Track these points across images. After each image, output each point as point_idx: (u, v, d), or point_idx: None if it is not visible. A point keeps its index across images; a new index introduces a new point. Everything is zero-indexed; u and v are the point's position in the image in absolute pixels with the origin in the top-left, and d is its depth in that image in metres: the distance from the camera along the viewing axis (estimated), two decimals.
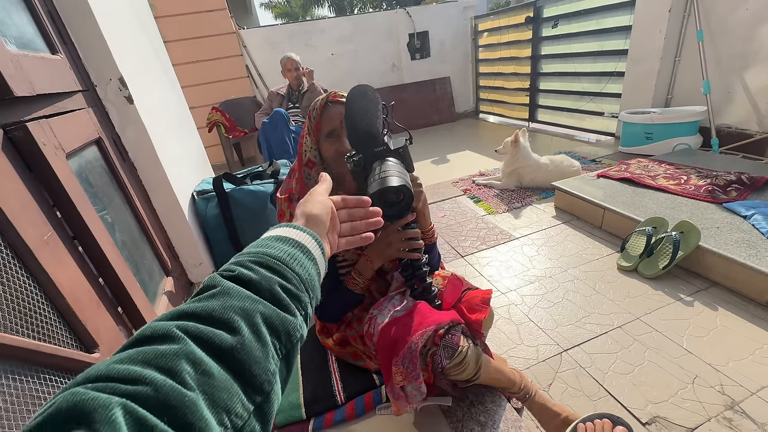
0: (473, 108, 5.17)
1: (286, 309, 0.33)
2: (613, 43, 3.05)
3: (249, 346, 0.29)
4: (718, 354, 1.10)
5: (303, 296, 0.36)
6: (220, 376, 0.26)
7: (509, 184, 2.43)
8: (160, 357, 0.25)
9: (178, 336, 0.26)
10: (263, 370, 0.29)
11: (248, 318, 0.30)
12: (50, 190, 0.86)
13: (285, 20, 14.75)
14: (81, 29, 1.20)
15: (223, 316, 0.29)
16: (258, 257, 0.36)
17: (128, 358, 0.24)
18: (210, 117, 3.47)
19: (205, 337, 0.27)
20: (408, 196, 0.67)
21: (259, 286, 0.33)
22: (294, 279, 0.36)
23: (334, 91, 0.89)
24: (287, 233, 0.40)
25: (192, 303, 0.31)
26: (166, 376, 0.23)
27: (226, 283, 0.32)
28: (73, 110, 1.06)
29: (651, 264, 1.46)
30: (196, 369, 0.25)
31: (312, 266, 0.39)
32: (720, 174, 1.84)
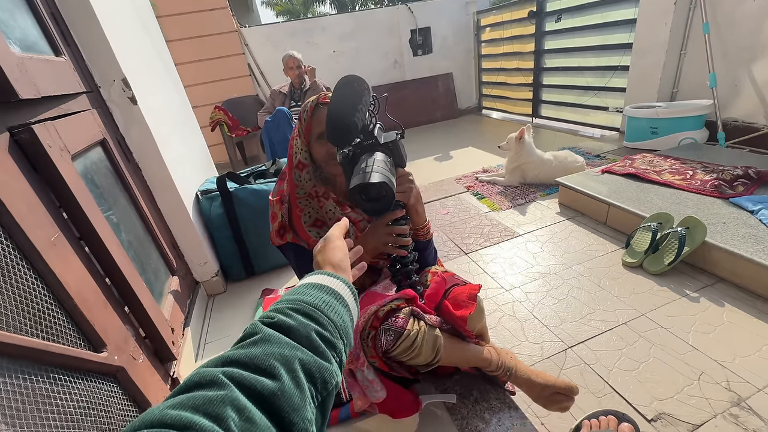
0: (476, 104, 5.14)
1: (323, 355, 0.35)
2: (618, 37, 3.01)
3: (288, 393, 0.30)
4: (725, 350, 1.10)
5: (338, 343, 0.38)
6: (262, 423, 0.27)
7: (513, 181, 2.42)
8: (208, 403, 0.26)
9: (223, 382, 0.28)
10: (301, 418, 0.30)
11: (287, 364, 0.32)
12: (56, 191, 0.87)
13: (286, 18, 14.71)
14: (84, 30, 1.20)
15: (264, 363, 0.31)
16: (295, 304, 0.38)
17: (180, 403, 0.26)
18: (213, 116, 3.48)
19: (248, 384, 0.29)
20: (389, 193, 0.66)
21: (297, 333, 0.35)
22: (329, 326, 0.38)
23: (325, 93, 0.89)
24: (322, 280, 0.43)
25: (235, 350, 0.33)
26: (213, 423, 0.25)
27: (267, 330, 0.34)
28: (78, 112, 1.07)
29: (656, 260, 1.46)
30: (240, 415, 0.27)
31: (345, 312, 0.41)
32: (726, 168, 1.82)
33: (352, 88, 0.71)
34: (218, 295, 1.75)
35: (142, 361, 0.98)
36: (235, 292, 1.77)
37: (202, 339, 1.49)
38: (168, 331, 1.17)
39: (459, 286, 0.93)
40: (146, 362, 1.00)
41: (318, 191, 0.92)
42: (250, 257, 1.77)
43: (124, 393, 0.88)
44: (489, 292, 1.51)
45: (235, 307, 1.66)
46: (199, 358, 1.39)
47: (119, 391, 0.86)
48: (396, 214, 0.79)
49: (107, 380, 0.84)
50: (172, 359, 1.15)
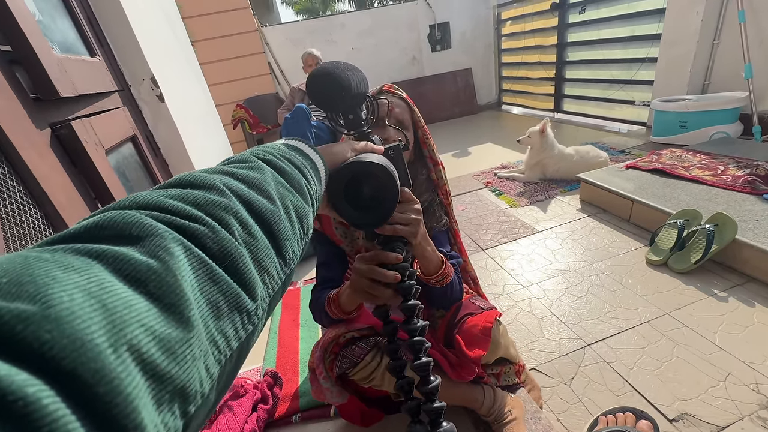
0: (496, 99, 5.06)
1: (308, 201, 0.34)
2: (645, 28, 2.90)
3: (284, 223, 0.28)
4: (754, 352, 1.06)
5: (314, 203, 0.36)
6: (262, 240, 0.25)
7: (533, 177, 2.38)
8: (211, 205, 0.23)
9: (223, 191, 0.25)
10: (292, 247, 0.29)
11: (282, 200, 0.30)
12: (92, 184, 0.92)
13: (306, 16, 14.86)
14: (116, 32, 1.27)
15: (263, 186, 0.28)
16: (284, 154, 0.35)
17: (178, 195, 0.22)
18: (234, 114, 3.57)
19: (249, 200, 0.26)
20: (391, 188, 0.43)
21: (290, 177, 0.33)
22: (313, 182, 0.36)
23: (389, 84, 0.88)
24: (299, 145, 0.39)
25: (229, 165, 0.29)
26: (220, 225, 0.22)
27: (262, 163, 0.31)
28: (111, 109, 1.13)
29: (682, 258, 1.41)
30: (243, 228, 0.24)
31: (316, 182, 0.38)
32: (761, 164, 1.73)
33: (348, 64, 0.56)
34: None
35: None
36: None
37: None
38: None
39: (473, 316, 0.83)
40: None
41: None
42: None
43: None
44: (506, 288, 1.50)
45: None
46: None
47: None
48: (388, 257, 0.52)
49: None
50: None
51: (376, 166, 0.42)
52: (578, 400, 1.02)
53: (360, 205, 0.43)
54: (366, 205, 0.44)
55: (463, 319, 0.83)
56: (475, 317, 0.84)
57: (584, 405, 1.00)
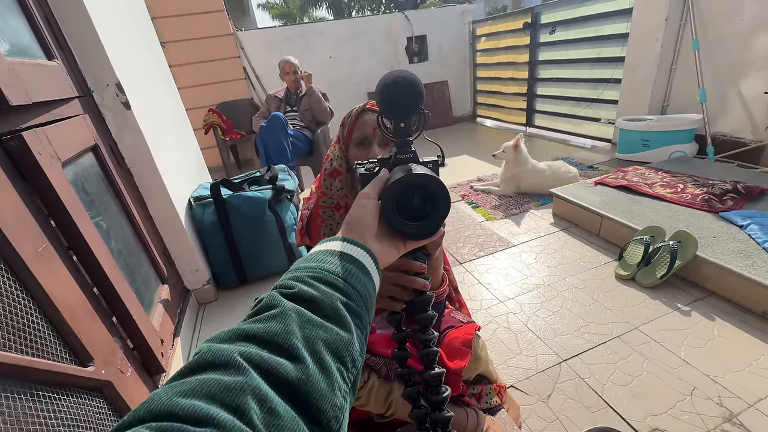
0: (470, 112, 5.18)
1: (349, 329, 0.31)
2: (611, 50, 3.07)
3: (314, 378, 0.26)
4: (716, 365, 1.11)
5: (363, 314, 0.34)
6: (286, 414, 0.24)
7: (507, 190, 2.43)
8: (226, 392, 0.22)
9: (241, 366, 0.24)
10: (330, 405, 0.26)
11: (311, 346, 0.28)
12: (45, 200, 0.84)
13: (283, 21, 14.72)
14: (78, 34, 1.18)
15: (285, 342, 0.27)
16: (316, 272, 0.33)
17: (191, 390, 0.22)
18: (206, 119, 3.44)
19: (270, 368, 0.25)
20: (446, 201, 0.45)
21: (321, 304, 0.31)
22: (354, 295, 0.33)
23: (373, 102, 0.86)
24: (339, 247, 0.37)
25: (251, 323, 0.28)
26: (233, 416, 0.22)
27: (287, 304, 0.30)
28: (69, 117, 1.05)
29: (649, 273, 1.47)
30: (262, 407, 0.23)
31: (369, 282, 0.36)
32: (716, 183, 1.86)
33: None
34: (209, 304, 1.72)
35: (130, 375, 0.95)
36: (227, 300, 1.74)
37: (192, 350, 1.46)
38: (157, 343, 1.15)
39: (454, 329, 0.85)
40: (134, 375, 0.98)
41: (348, 202, 0.86)
42: (242, 265, 1.75)
43: (111, 408, 0.85)
44: (484, 303, 1.51)
45: (227, 316, 1.63)
46: None
47: (106, 407, 0.84)
48: (414, 266, 0.53)
49: (93, 395, 0.81)
50: (161, 372, 1.12)
51: (431, 180, 0.44)
52: (556, 418, 1.03)
53: (411, 216, 0.45)
54: (415, 215, 0.45)
55: (444, 332, 0.84)
56: (455, 330, 0.85)
57: (561, 423, 1.01)
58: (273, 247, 1.77)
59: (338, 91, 4.20)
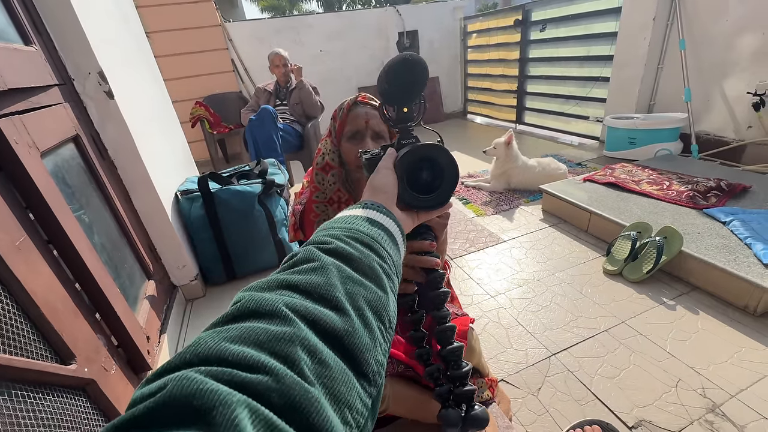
0: (461, 108, 5.19)
1: (385, 290, 0.31)
2: (599, 49, 3.11)
3: (359, 332, 0.26)
4: (700, 357, 1.14)
5: (395, 278, 0.34)
6: (337, 366, 0.23)
7: (498, 187, 2.45)
8: (275, 341, 0.22)
9: (287, 316, 0.23)
10: (374, 359, 0.26)
11: (353, 301, 0.27)
12: (23, 191, 0.81)
13: (272, 13, 14.48)
14: (57, 19, 1.13)
15: (329, 294, 0.26)
16: (351, 233, 0.33)
17: (239, 336, 0.21)
18: (193, 112, 3.36)
19: (316, 319, 0.24)
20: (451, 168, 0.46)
21: (359, 263, 0.30)
22: (388, 259, 0.33)
23: (364, 94, 0.85)
24: (366, 213, 0.37)
25: (291, 274, 0.27)
26: (284, 365, 0.21)
27: (326, 258, 0.29)
28: (49, 105, 1.00)
29: (635, 268, 1.50)
30: (313, 358, 0.22)
31: (396, 251, 0.36)
32: (700, 180, 1.90)
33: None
34: (197, 300, 1.69)
35: (114, 373, 0.92)
36: (215, 296, 1.71)
37: (179, 346, 1.43)
38: (143, 340, 1.12)
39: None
40: (119, 373, 0.95)
41: (341, 197, 0.86)
42: (231, 260, 1.72)
43: (95, 408, 0.82)
44: (475, 298, 1.52)
45: (215, 312, 1.60)
46: None
47: (89, 406, 0.81)
48: (423, 245, 0.54)
49: (76, 394, 0.79)
50: (147, 369, 1.09)
51: (438, 150, 0.45)
52: (545, 411, 1.04)
53: (420, 189, 0.45)
54: (424, 189, 0.45)
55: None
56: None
57: (551, 416, 1.02)
58: (262, 242, 1.74)
59: (329, 85, 4.15)
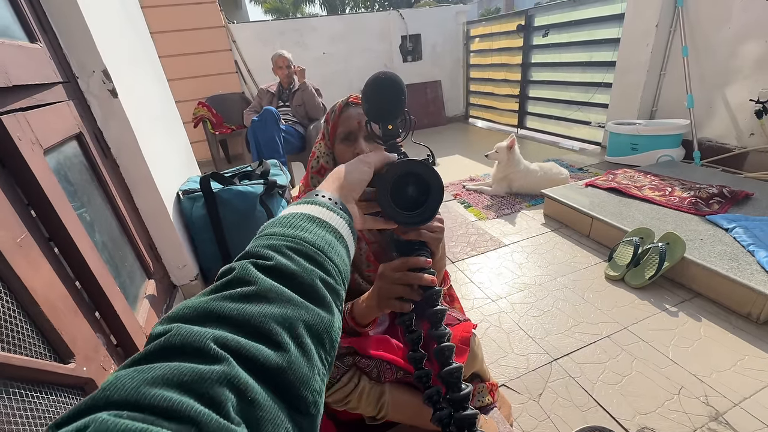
0: (463, 112, 5.20)
1: (329, 308, 0.29)
2: (602, 55, 3.11)
3: (296, 365, 0.25)
4: (703, 365, 1.13)
5: (341, 291, 0.32)
6: (266, 404, 0.22)
7: (499, 191, 2.44)
8: (200, 381, 0.20)
9: (217, 354, 0.22)
10: (310, 390, 0.25)
11: (292, 329, 0.26)
12: (25, 188, 0.80)
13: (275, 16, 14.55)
14: (63, 16, 1.13)
15: (264, 326, 0.25)
16: (294, 242, 0.31)
17: (161, 378, 0.20)
18: (196, 112, 3.37)
19: (249, 355, 0.23)
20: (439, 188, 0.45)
21: (300, 281, 0.28)
22: (334, 271, 0.31)
23: (356, 94, 0.84)
24: (318, 213, 0.34)
25: (223, 301, 0.26)
26: (208, 408, 0.19)
27: (264, 282, 0.27)
28: (53, 103, 1.00)
29: (638, 274, 1.49)
30: (241, 398, 0.21)
31: (345, 254, 0.34)
32: (703, 186, 1.90)
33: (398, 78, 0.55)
34: None
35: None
36: None
37: None
38: (142, 339, 1.11)
39: (451, 327, 0.83)
40: None
41: None
42: (231, 260, 1.70)
43: None
44: (476, 302, 1.51)
45: None
46: None
47: None
48: (419, 262, 0.53)
49: (75, 393, 0.78)
50: None
51: (424, 166, 0.44)
52: (547, 417, 1.03)
53: (404, 205, 0.45)
54: (409, 205, 0.46)
55: None
56: (452, 328, 0.84)
57: (552, 422, 1.01)
58: None
59: (331, 88, 4.16)
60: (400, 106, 0.51)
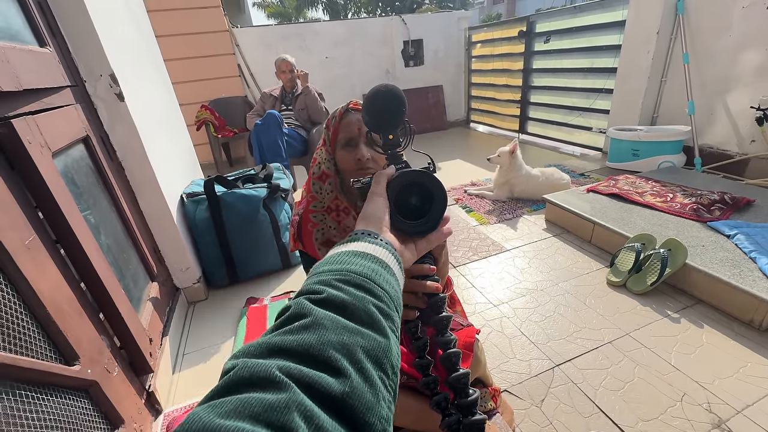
0: (464, 117, 5.22)
1: (384, 333, 0.30)
2: (603, 61, 3.13)
3: (359, 390, 0.25)
4: (705, 371, 1.13)
5: (395, 316, 0.32)
6: (334, 430, 0.22)
7: (501, 196, 2.45)
8: (270, 411, 0.21)
9: (283, 382, 0.23)
10: (377, 417, 0.25)
11: (350, 355, 0.26)
12: (34, 190, 0.81)
13: (278, 20, 14.65)
14: (72, 22, 1.15)
15: (323, 354, 0.25)
16: (342, 275, 0.32)
17: (234, 411, 0.21)
18: (199, 115, 3.39)
19: (312, 382, 0.23)
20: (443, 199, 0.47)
21: (354, 309, 0.29)
22: (385, 297, 0.32)
23: (356, 100, 0.85)
24: (362, 248, 0.36)
25: (282, 335, 0.26)
26: None
27: (318, 312, 0.28)
28: (61, 106, 1.01)
29: (639, 280, 1.49)
30: (309, 424, 0.21)
31: (395, 281, 0.35)
32: (704, 193, 1.90)
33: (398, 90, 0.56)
34: (199, 303, 1.68)
35: (116, 374, 0.92)
36: (217, 299, 1.70)
37: (180, 349, 1.42)
38: (146, 342, 1.11)
39: (454, 332, 0.82)
40: (121, 375, 0.95)
41: (339, 205, 0.85)
42: (234, 263, 1.72)
43: (96, 409, 0.82)
44: (477, 307, 1.51)
45: (217, 315, 1.59)
46: (176, 370, 1.33)
47: (91, 408, 0.80)
48: (423, 269, 0.54)
49: (79, 395, 0.78)
50: (148, 372, 1.08)
51: (426, 176, 0.46)
52: (549, 423, 1.03)
53: (408, 214, 0.46)
54: (414, 214, 0.46)
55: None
56: (456, 333, 0.84)
57: (555, 428, 1.01)
58: (266, 246, 1.74)
59: (334, 92, 4.18)
60: (400, 117, 0.52)
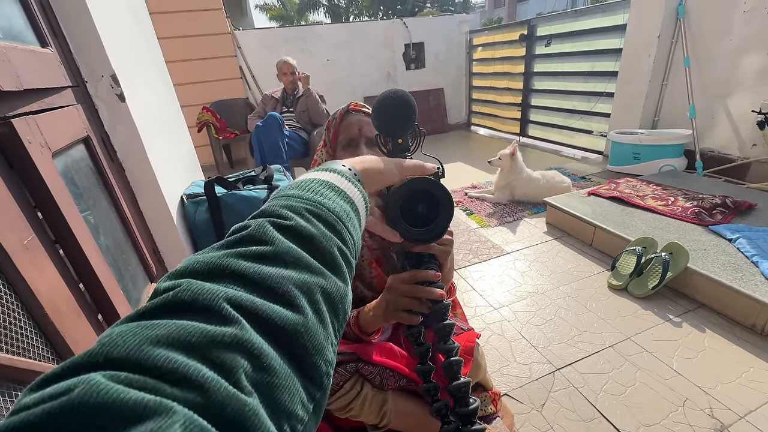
0: (465, 120, 5.23)
1: (344, 279, 0.28)
2: (604, 65, 3.14)
3: (313, 330, 0.23)
4: (707, 376, 1.12)
5: (353, 264, 0.30)
6: (281, 370, 0.20)
7: (502, 198, 2.45)
8: (210, 345, 0.18)
9: (229, 314, 0.20)
10: (324, 361, 0.23)
11: (309, 294, 0.24)
12: (33, 190, 0.81)
13: (280, 23, 14.72)
14: (74, 22, 1.15)
15: (281, 287, 0.23)
16: (314, 206, 0.29)
17: (167, 336, 0.18)
18: (200, 117, 3.40)
19: (265, 317, 0.21)
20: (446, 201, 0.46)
21: (319, 246, 0.27)
22: (350, 242, 0.30)
23: (356, 101, 0.85)
24: (338, 182, 0.33)
25: (236, 258, 0.23)
26: (219, 375, 0.18)
27: (282, 243, 0.25)
28: (62, 107, 1.01)
29: (641, 284, 1.48)
30: (255, 364, 0.19)
31: (359, 229, 0.32)
32: (705, 197, 1.89)
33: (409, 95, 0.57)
34: None
35: None
36: None
37: None
38: None
39: (455, 336, 0.83)
40: None
41: None
42: None
43: None
44: (478, 309, 1.50)
45: None
46: None
47: None
48: (428, 275, 0.54)
49: None
50: None
51: (434, 184, 0.45)
52: (550, 427, 1.02)
53: (414, 221, 0.46)
54: (420, 222, 0.46)
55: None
56: (456, 338, 0.84)
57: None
58: None
59: (335, 94, 4.19)
60: (410, 123, 0.52)
